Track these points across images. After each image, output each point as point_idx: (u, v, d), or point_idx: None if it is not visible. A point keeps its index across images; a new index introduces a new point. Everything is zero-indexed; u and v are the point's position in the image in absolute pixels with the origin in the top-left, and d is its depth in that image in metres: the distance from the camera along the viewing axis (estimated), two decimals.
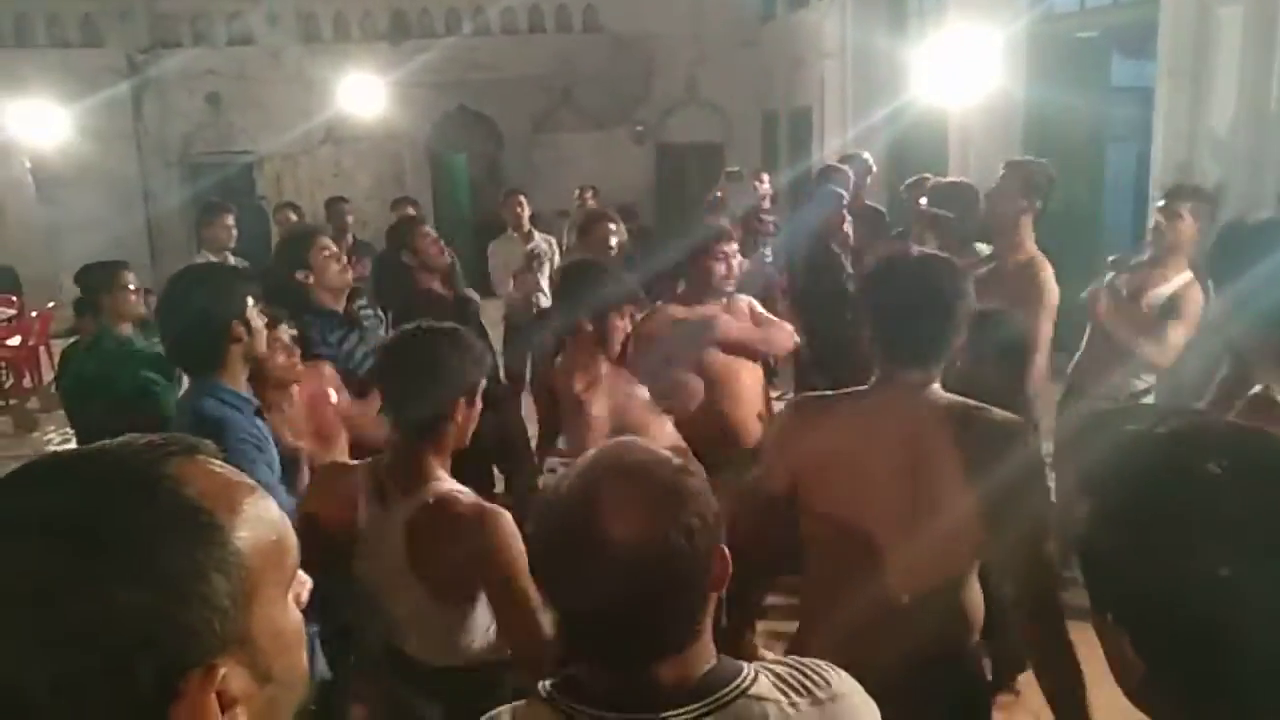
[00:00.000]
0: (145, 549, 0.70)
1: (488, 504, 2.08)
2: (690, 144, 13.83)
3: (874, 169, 6.32)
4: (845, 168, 5.47)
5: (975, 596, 2.11)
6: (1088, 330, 4.10)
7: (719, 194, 8.37)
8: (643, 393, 3.04)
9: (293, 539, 0.82)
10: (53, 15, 12.61)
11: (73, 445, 5.51)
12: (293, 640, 0.80)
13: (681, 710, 1.11)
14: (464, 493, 2.09)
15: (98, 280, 4.16)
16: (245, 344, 2.51)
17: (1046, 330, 3.56)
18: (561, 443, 3.30)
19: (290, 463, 2.78)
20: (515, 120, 13.50)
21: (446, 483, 2.10)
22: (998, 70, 7.04)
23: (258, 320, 2.56)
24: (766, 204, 7.62)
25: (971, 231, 4.22)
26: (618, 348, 3.04)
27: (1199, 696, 0.87)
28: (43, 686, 0.67)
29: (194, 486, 0.74)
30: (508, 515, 2.04)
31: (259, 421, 2.54)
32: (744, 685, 1.15)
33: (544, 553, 1.16)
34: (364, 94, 12.19)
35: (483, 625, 2.16)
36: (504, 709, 1.22)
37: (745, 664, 1.18)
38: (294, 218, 6.58)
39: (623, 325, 3.02)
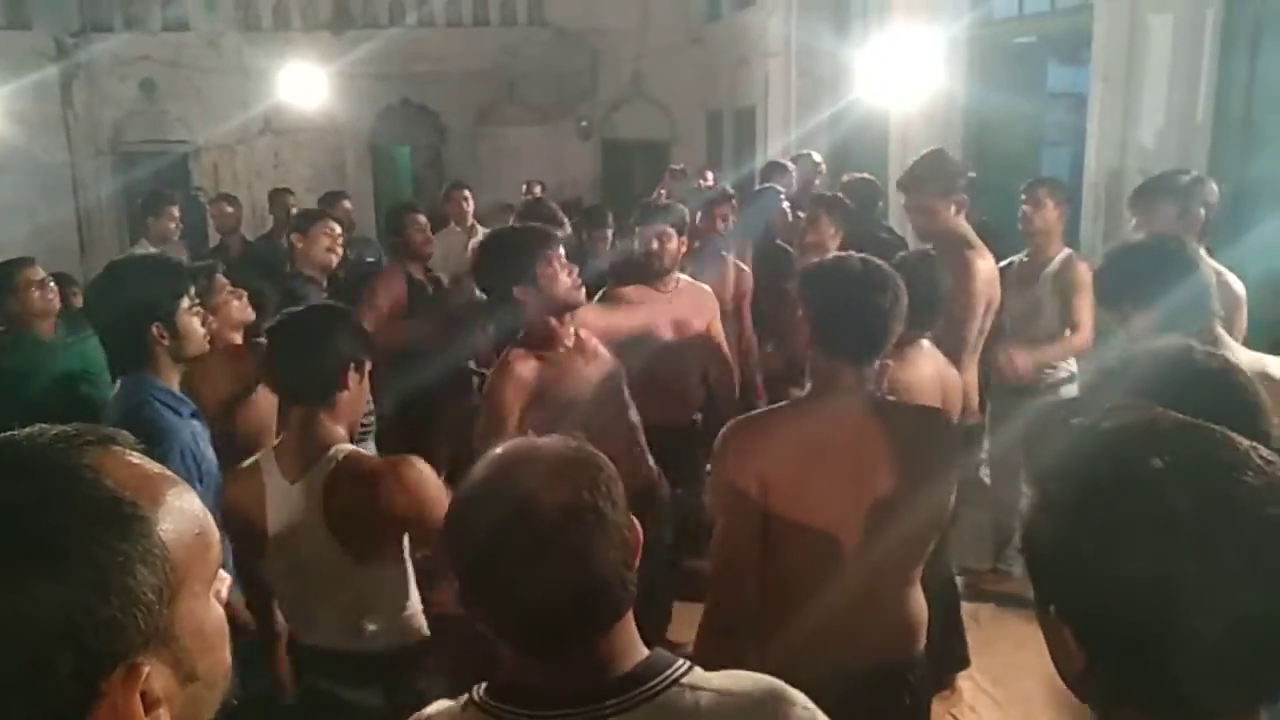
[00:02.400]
0: (65, 540, 0.68)
1: (397, 456, 2.18)
2: (636, 140, 13.83)
3: (822, 169, 6.38)
4: (788, 165, 5.52)
5: (922, 599, 2.14)
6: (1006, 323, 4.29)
7: (663, 191, 8.38)
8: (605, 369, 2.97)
9: (215, 533, 0.80)
10: None
11: None
12: (216, 638, 0.79)
13: (613, 700, 1.11)
14: (362, 450, 2.19)
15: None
16: (171, 346, 2.46)
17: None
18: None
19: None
20: (459, 113, 13.37)
21: (348, 446, 2.16)
22: (939, 73, 7.14)
23: (190, 321, 2.49)
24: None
25: (869, 221, 4.37)
26: (580, 295, 2.84)
27: (1138, 689, 0.89)
28: None
29: (113, 477, 0.72)
30: (422, 461, 2.13)
31: (195, 425, 2.49)
32: (676, 674, 1.15)
33: (460, 539, 1.15)
34: (305, 84, 11.97)
35: (405, 599, 2.18)
36: (433, 710, 1.21)
37: (680, 658, 1.18)
38: (230, 210, 6.43)
39: (565, 273, 2.78)
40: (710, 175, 8.39)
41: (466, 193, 6.52)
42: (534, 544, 1.08)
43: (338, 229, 4.06)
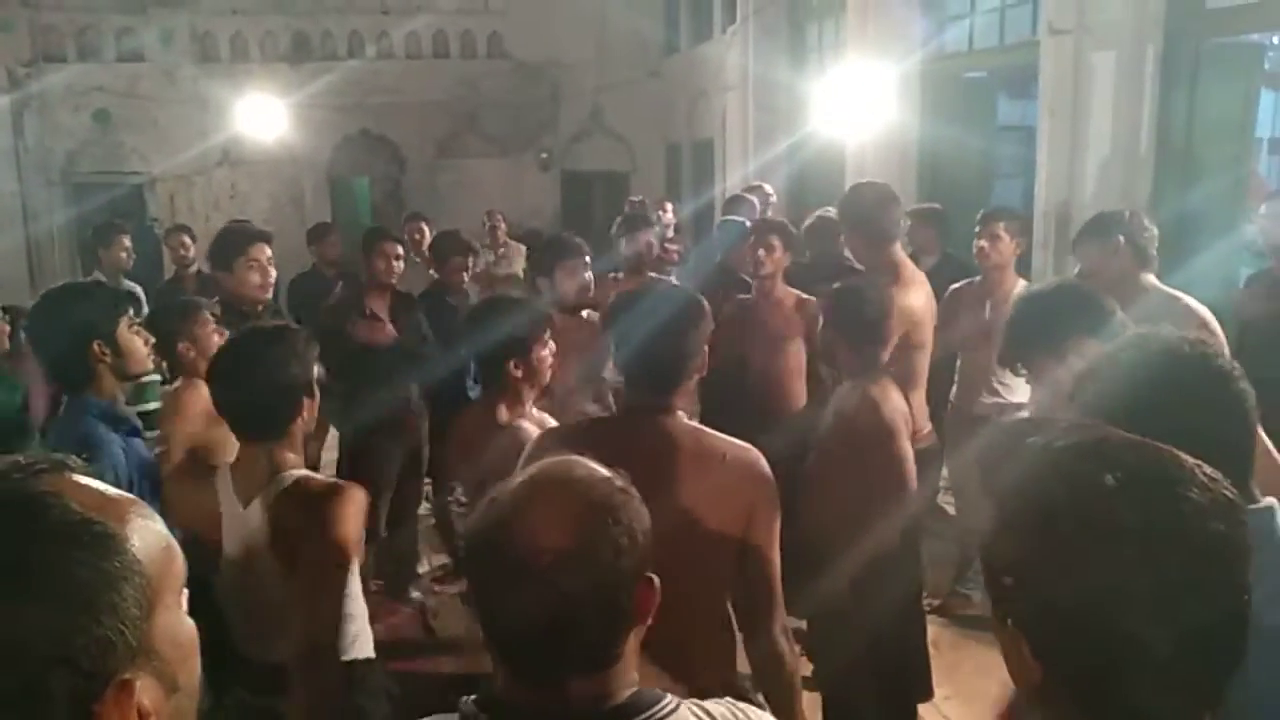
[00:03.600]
0: (48, 564, 0.69)
1: (344, 482, 2.15)
2: (596, 172, 13.92)
3: (773, 200, 6.46)
4: (751, 197, 5.59)
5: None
6: (958, 358, 4.35)
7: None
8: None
9: (177, 547, 0.81)
10: None
11: None
12: (190, 648, 0.80)
13: None
14: (319, 476, 2.17)
15: None
16: (114, 363, 2.47)
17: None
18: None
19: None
20: (418, 144, 13.38)
21: (301, 469, 2.16)
22: (892, 106, 7.29)
23: (131, 339, 2.52)
24: (670, 233, 7.72)
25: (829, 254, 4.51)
26: (547, 378, 2.96)
27: (1092, 699, 0.91)
28: None
29: (76, 500, 0.73)
30: (360, 494, 2.11)
31: (134, 440, 2.49)
32: (662, 712, 1.15)
33: (472, 554, 1.16)
34: (263, 115, 11.93)
35: (348, 621, 2.18)
36: None
37: (668, 694, 1.19)
38: (187, 240, 6.36)
39: (548, 354, 2.91)
40: (669, 206, 8.46)
41: (424, 224, 6.51)
42: (533, 587, 1.08)
43: (268, 253, 3.94)
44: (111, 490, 0.79)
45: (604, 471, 1.19)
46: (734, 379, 4.10)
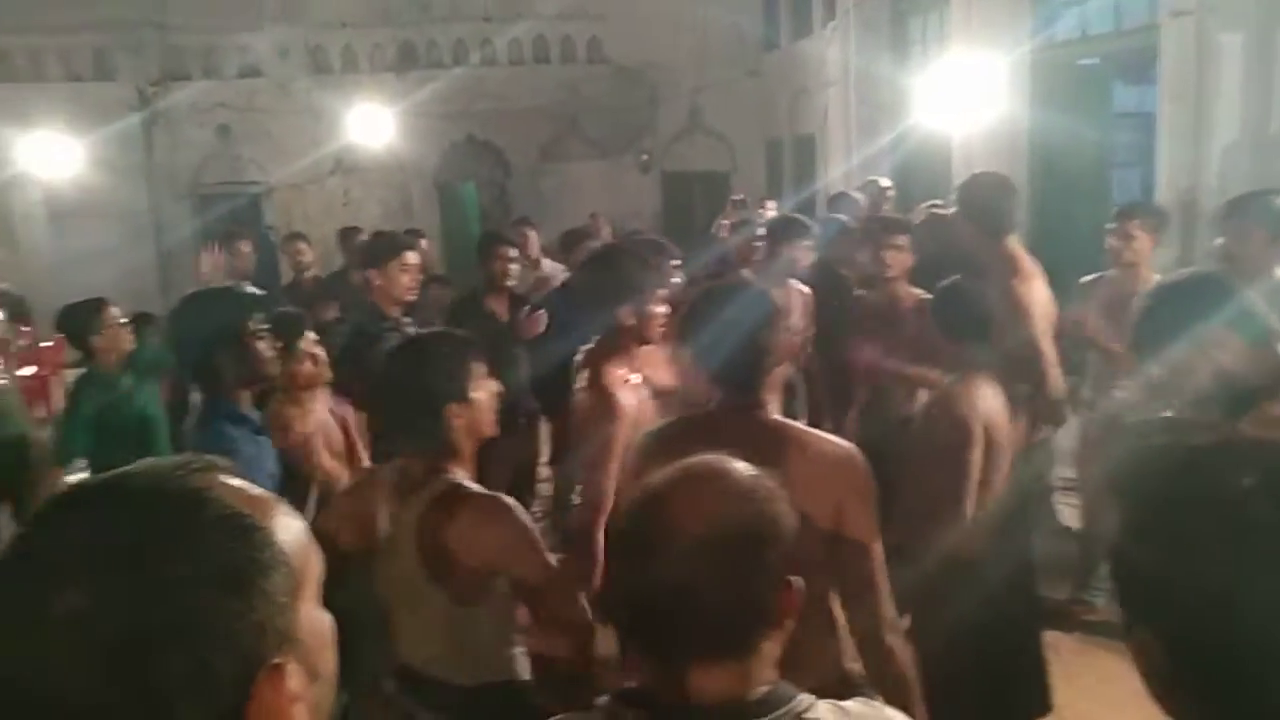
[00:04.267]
0: (210, 552, 0.74)
1: (496, 493, 2.12)
2: (695, 172, 13.93)
3: (890, 194, 6.34)
4: (856, 195, 5.51)
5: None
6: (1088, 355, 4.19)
7: (725, 222, 8.43)
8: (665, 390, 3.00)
9: (314, 543, 0.86)
10: (65, 50, 12.76)
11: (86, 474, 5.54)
12: (329, 639, 0.84)
13: None
14: (473, 485, 2.12)
15: (78, 322, 4.10)
16: (240, 367, 2.58)
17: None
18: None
19: (297, 478, 2.83)
20: (522, 149, 13.61)
21: (456, 477, 2.13)
22: (1001, 96, 7.10)
23: (259, 344, 2.62)
24: None
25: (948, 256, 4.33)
26: (658, 335, 2.93)
27: (1228, 706, 0.89)
28: (135, 698, 0.70)
29: (228, 497, 0.78)
30: (517, 503, 2.10)
31: (258, 438, 2.61)
32: (800, 709, 1.16)
33: (621, 528, 1.20)
34: (372, 124, 12.31)
35: (497, 636, 2.17)
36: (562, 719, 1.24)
37: (804, 692, 1.19)
38: (303, 247, 6.61)
39: (661, 312, 2.88)
40: (771, 204, 8.41)
41: (530, 229, 6.62)
42: (674, 555, 1.12)
43: (414, 259, 4.11)
44: (255, 489, 0.83)
45: (764, 475, 1.22)
46: (843, 376, 4.07)
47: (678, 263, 3.95)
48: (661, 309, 2.89)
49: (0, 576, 0.74)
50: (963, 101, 7.28)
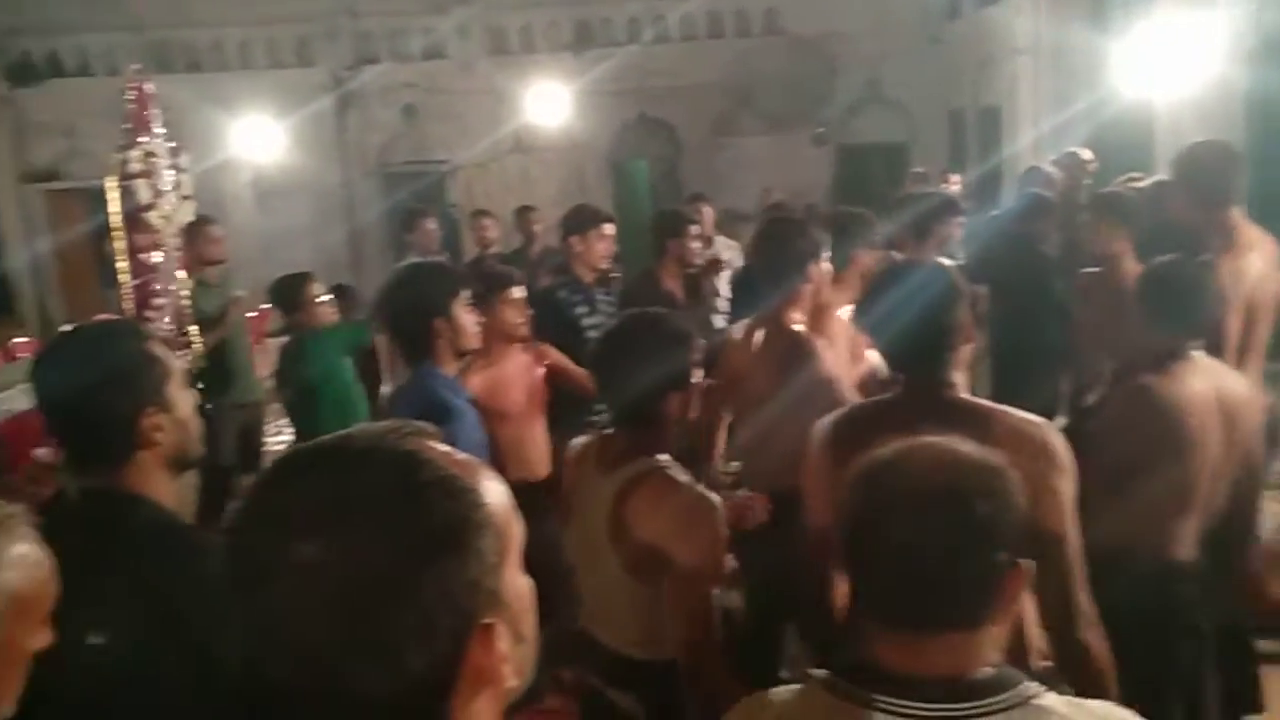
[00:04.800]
0: (428, 511, 0.77)
1: (702, 490, 2.10)
2: (873, 144, 13.56)
3: (1091, 166, 5.94)
4: (1050, 169, 5.22)
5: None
6: None
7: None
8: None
9: (515, 508, 0.88)
10: (271, 40, 13.62)
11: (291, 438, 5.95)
12: (530, 603, 0.87)
13: (966, 705, 1.12)
14: (681, 474, 2.11)
15: (290, 294, 4.46)
16: (451, 338, 2.68)
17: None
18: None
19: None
20: (695, 125, 13.59)
21: (663, 461, 2.13)
22: (1216, 60, 6.57)
23: (465, 317, 2.71)
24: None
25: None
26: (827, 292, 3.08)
27: None
28: (367, 646, 0.74)
29: (440, 459, 0.81)
30: (719, 508, 2.07)
31: (470, 411, 2.71)
32: (1029, 694, 1.15)
33: (866, 489, 1.22)
34: (549, 103, 12.57)
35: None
36: (773, 693, 1.25)
37: (1033, 680, 1.19)
38: (488, 224, 6.85)
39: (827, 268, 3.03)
40: (954, 178, 8.10)
41: (706, 205, 6.61)
42: (926, 517, 1.16)
43: (611, 230, 4.33)
44: (461, 455, 0.86)
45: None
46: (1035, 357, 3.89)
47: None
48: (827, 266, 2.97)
49: (239, 528, 0.79)
50: (1168, 67, 6.78)
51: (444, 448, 0.84)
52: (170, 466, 1.71)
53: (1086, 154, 5.84)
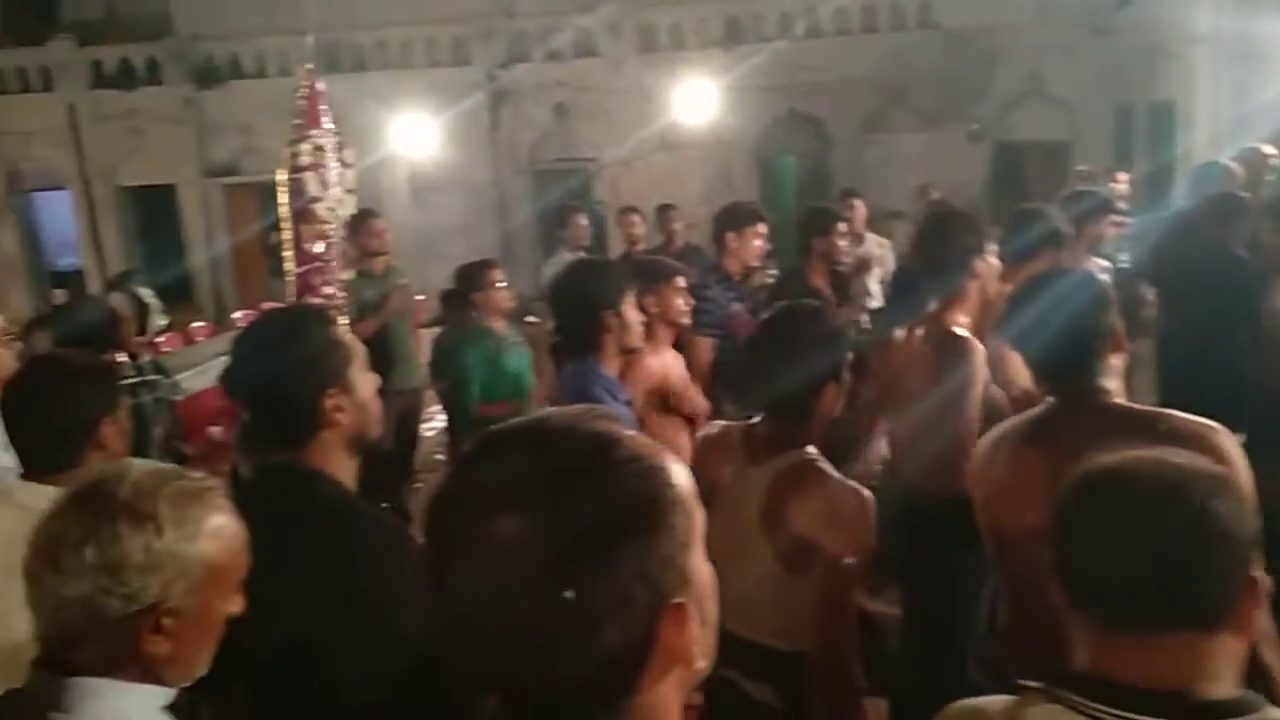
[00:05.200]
0: (624, 488, 0.79)
1: (855, 483, 2.12)
2: (1030, 141, 13.02)
3: (1275, 162, 5.56)
4: (1231, 164, 4.89)
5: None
6: None
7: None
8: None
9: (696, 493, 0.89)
10: (430, 39, 14.12)
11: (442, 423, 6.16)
12: (713, 588, 0.87)
13: None
14: (829, 468, 2.15)
15: (472, 277, 4.63)
16: (617, 334, 2.71)
17: None
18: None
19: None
20: (845, 121, 13.37)
21: (812, 454, 2.15)
22: None
23: (632, 313, 2.75)
24: (1123, 205, 7.01)
25: None
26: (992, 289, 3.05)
27: None
28: (569, 618, 0.75)
29: (631, 440, 0.83)
30: (870, 502, 2.08)
31: (626, 412, 2.73)
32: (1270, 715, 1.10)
33: (1092, 489, 1.20)
34: (697, 100, 12.58)
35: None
36: (982, 702, 1.22)
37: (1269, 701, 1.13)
38: (637, 220, 6.90)
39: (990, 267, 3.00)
40: (1122, 176, 7.70)
41: (858, 201, 6.50)
42: (1180, 507, 1.12)
43: (764, 229, 4.33)
44: (645, 438, 0.87)
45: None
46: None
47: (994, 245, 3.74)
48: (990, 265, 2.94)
49: (446, 502, 0.82)
50: None
51: (631, 431, 0.86)
52: (349, 446, 1.79)
53: (1270, 149, 5.45)
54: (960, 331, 2.83)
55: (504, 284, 4.65)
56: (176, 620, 1.27)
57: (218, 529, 1.32)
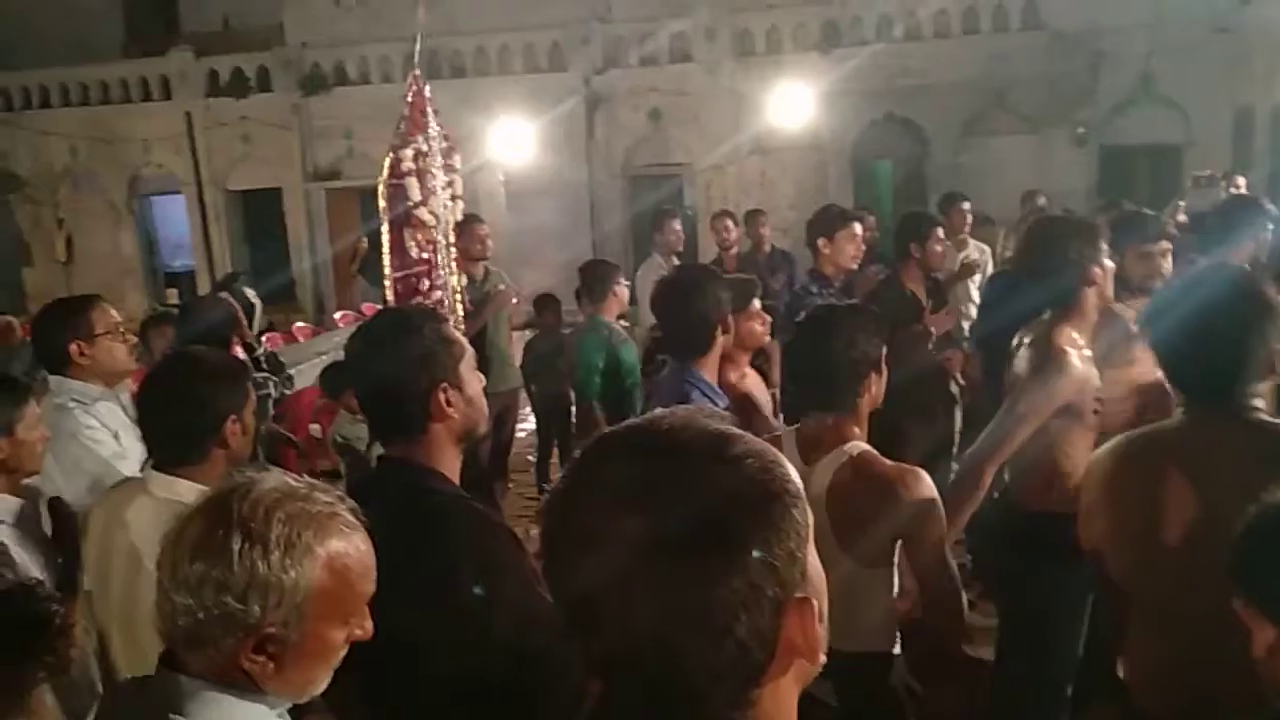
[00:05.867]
0: (746, 481, 0.80)
1: (906, 465, 2.20)
2: (1140, 145, 12.58)
3: None
4: None
5: None
6: None
7: (1181, 203, 7.52)
8: None
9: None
10: (528, 45, 14.33)
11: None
12: (825, 584, 0.89)
13: None
14: (877, 455, 2.22)
15: (598, 279, 4.70)
16: (722, 340, 2.76)
17: None
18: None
19: None
20: (943, 125, 13.11)
21: (861, 445, 2.23)
22: None
23: (746, 324, 2.82)
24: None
25: None
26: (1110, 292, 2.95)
27: None
28: (693, 624, 0.76)
29: (746, 439, 0.85)
30: (927, 475, 2.15)
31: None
32: None
33: None
34: (792, 104, 12.47)
35: (888, 603, 2.23)
36: None
37: None
38: (730, 224, 6.87)
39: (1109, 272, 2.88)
40: (1241, 181, 7.37)
41: (965, 205, 6.36)
42: None
43: (860, 231, 4.31)
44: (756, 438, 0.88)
45: None
46: None
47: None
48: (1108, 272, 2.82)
49: (567, 501, 0.83)
50: None
51: (740, 430, 0.87)
52: (458, 440, 1.84)
53: None
54: (1062, 345, 2.71)
55: (625, 283, 4.77)
56: (278, 645, 1.25)
57: (333, 556, 1.27)
